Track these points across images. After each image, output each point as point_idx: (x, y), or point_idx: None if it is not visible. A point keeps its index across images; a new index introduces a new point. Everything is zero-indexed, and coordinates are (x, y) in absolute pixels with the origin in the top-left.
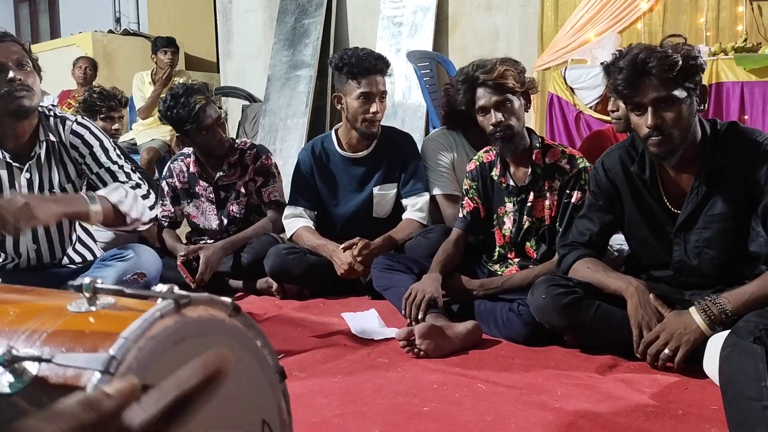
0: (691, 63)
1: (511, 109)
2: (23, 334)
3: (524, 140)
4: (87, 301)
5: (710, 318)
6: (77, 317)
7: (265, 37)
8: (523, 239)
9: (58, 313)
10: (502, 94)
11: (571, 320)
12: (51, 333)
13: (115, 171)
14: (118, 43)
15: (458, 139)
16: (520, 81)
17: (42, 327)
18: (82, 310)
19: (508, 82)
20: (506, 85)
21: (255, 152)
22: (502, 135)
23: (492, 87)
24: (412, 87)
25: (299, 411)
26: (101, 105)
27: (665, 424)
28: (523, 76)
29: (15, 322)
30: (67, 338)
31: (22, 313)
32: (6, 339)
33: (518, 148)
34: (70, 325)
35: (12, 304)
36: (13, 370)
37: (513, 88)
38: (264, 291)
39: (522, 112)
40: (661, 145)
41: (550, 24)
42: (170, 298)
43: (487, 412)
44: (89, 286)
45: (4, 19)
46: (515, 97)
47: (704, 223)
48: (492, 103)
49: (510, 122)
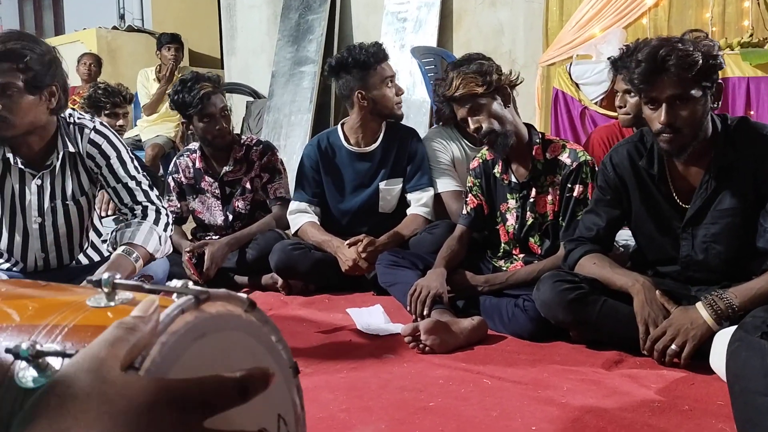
0: (711, 63)
1: (487, 112)
2: (44, 329)
3: (519, 137)
4: (106, 297)
5: (717, 313)
6: (96, 312)
7: (269, 33)
8: (527, 235)
9: (77, 308)
10: (470, 103)
11: (577, 316)
12: (72, 328)
13: (133, 189)
14: (122, 39)
15: (454, 135)
16: (485, 83)
17: (62, 322)
18: (101, 305)
19: (471, 89)
20: (469, 94)
21: (261, 148)
22: (487, 140)
23: (458, 100)
24: (417, 83)
25: (305, 406)
26: (106, 101)
27: (671, 419)
28: (489, 77)
29: (35, 317)
30: (88, 333)
31: (41, 308)
32: (27, 334)
33: (513, 147)
34: (90, 320)
35: (30, 299)
36: (36, 365)
37: (478, 93)
38: (269, 287)
39: (500, 110)
40: (672, 142)
41: (555, 19)
42: (189, 294)
43: (492, 408)
44: (108, 282)
45: (8, 15)
46: (486, 99)
47: (712, 219)
48: (465, 113)
49: (490, 126)
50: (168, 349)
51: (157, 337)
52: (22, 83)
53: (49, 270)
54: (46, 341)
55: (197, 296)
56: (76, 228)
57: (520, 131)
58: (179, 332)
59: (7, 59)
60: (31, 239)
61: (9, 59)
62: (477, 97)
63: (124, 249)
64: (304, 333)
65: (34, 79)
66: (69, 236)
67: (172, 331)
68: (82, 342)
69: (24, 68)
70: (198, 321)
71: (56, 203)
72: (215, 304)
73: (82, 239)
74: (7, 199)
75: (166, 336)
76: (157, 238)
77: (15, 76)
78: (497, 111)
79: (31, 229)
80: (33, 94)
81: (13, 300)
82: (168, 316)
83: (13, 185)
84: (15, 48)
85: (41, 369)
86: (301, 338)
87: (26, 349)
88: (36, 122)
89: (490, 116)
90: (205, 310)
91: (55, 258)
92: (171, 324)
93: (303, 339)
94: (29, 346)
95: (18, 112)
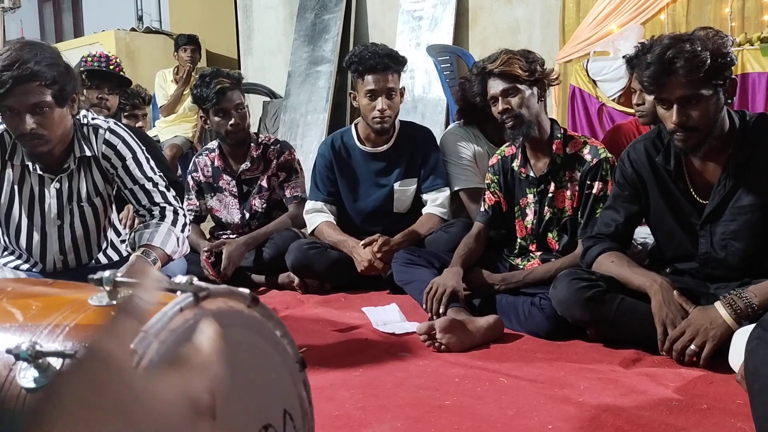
0: (720, 61)
1: (520, 98)
2: (46, 329)
3: (541, 130)
4: (107, 295)
5: (736, 312)
6: (98, 311)
7: (285, 33)
8: (545, 230)
9: (79, 306)
10: (508, 83)
11: (594, 314)
12: (73, 327)
13: (150, 190)
14: (140, 41)
15: (476, 133)
16: (528, 70)
17: (64, 321)
18: (103, 303)
19: (514, 70)
20: (512, 74)
21: (279, 147)
22: (511, 123)
23: (498, 76)
24: (432, 81)
25: (321, 404)
26: (125, 103)
27: (690, 418)
28: (534, 66)
29: (37, 316)
30: (88, 332)
31: (44, 307)
32: (30, 333)
33: (534, 137)
34: (92, 319)
35: (35, 298)
36: (37, 366)
37: (520, 77)
38: (286, 286)
39: (533, 101)
40: (686, 141)
41: (571, 16)
42: (189, 291)
43: (509, 406)
44: (109, 280)
45: (28, 18)
46: (524, 86)
47: (731, 215)
48: (499, 92)
49: (519, 111)
50: (167, 347)
51: (159, 335)
52: (52, 98)
53: (68, 270)
54: (47, 341)
55: (197, 293)
56: (92, 229)
57: (543, 125)
58: (178, 330)
59: (33, 79)
60: (49, 241)
61: (35, 79)
62: (516, 80)
63: (142, 251)
64: (320, 331)
65: (61, 92)
66: (86, 237)
67: (171, 328)
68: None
69: (50, 83)
70: (197, 318)
71: (73, 205)
72: (216, 301)
73: (99, 239)
74: (25, 201)
75: (165, 333)
76: (175, 240)
77: (44, 93)
78: (530, 100)
79: (50, 231)
80: (62, 106)
81: (18, 299)
82: (165, 314)
83: (32, 188)
84: (39, 70)
85: (42, 369)
86: (317, 337)
87: (26, 350)
88: (66, 131)
89: (522, 102)
90: (205, 307)
91: (74, 259)
92: (170, 322)
93: (319, 337)
94: (29, 346)
95: (52, 127)
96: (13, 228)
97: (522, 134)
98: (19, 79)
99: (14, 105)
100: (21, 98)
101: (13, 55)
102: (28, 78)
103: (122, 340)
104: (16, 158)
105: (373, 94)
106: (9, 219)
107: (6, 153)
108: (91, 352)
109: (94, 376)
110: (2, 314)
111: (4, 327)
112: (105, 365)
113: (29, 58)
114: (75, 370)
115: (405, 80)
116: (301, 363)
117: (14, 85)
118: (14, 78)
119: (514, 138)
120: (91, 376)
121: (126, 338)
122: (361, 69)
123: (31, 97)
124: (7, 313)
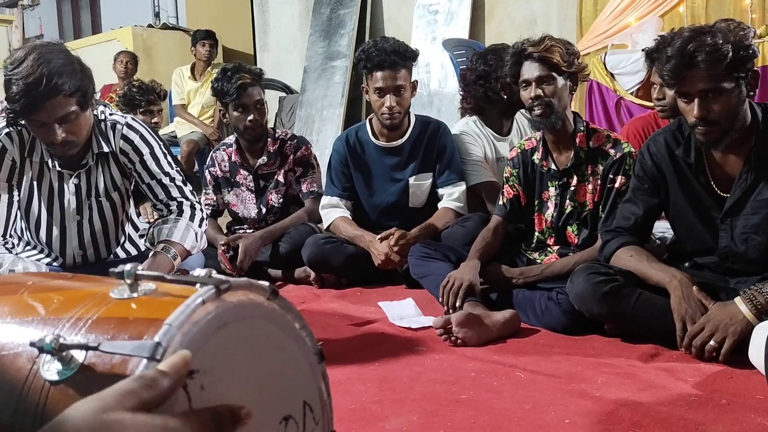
0: (742, 54)
1: (554, 87)
2: (68, 322)
3: (566, 123)
4: (128, 288)
5: (756, 308)
6: (120, 304)
7: (301, 28)
8: (565, 224)
9: (100, 300)
10: (546, 70)
11: (612, 308)
12: (95, 320)
13: (167, 185)
14: (157, 37)
15: (480, 129)
16: (567, 60)
17: (86, 314)
18: (124, 296)
19: (554, 57)
20: (551, 60)
21: (296, 143)
22: (540, 111)
23: (537, 60)
24: (448, 75)
25: (338, 397)
26: (141, 99)
27: (708, 413)
28: (572, 57)
29: (59, 309)
30: (111, 325)
31: (66, 301)
32: (52, 327)
33: (558, 130)
34: (113, 312)
35: (56, 291)
36: (61, 358)
37: (558, 66)
38: (302, 280)
39: (565, 93)
40: (708, 134)
41: (589, 9)
42: (210, 284)
43: (525, 401)
44: (130, 273)
45: (47, 15)
46: (560, 76)
47: (752, 209)
48: (535, 77)
49: (550, 99)
50: (190, 340)
51: (176, 389)
52: (77, 106)
53: (87, 264)
54: (69, 334)
55: (218, 286)
56: (111, 223)
57: (568, 118)
58: (200, 323)
59: (59, 93)
60: (69, 236)
61: (60, 92)
62: (554, 68)
63: (162, 246)
64: (336, 326)
65: (84, 97)
66: (105, 232)
67: (194, 321)
68: (104, 334)
69: (74, 92)
70: (219, 310)
71: (91, 200)
72: (237, 294)
73: (117, 234)
74: (45, 197)
75: (188, 326)
76: (193, 235)
77: (70, 104)
78: (563, 91)
79: (69, 226)
80: (85, 109)
81: (39, 293)
82: (189, 306)
83: (51, 184)
84: (63, 82)
85: (65, 362)
86: (333, 331)
87: (50, 342)
88: (90, 130)
89: (555, 92)
90: (226, 300)
91: (93, 253)
92: (192, 314)
93: (335, 331)
94: (53, 339)
95: (80, 131)
96: (33, 223)
97: (548, 125)
98: (46, 95)
99: (43, 119)
100: (50, 113)
101: (34, 70)
102: (54, 93)
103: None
104: (35, 155)
105: (381, 92)
106: (29, 214)
107: (25, 150)
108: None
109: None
110: (24, 308)
111: (27, 320)
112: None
113: (50, 72)
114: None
115: (421, 75)
116: (320, 355)
117: (42, 102)
118: (41, 95)
119: (539, 126)
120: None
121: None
122: (369, 66)
123: (59, 110)
124: (29, 307)
